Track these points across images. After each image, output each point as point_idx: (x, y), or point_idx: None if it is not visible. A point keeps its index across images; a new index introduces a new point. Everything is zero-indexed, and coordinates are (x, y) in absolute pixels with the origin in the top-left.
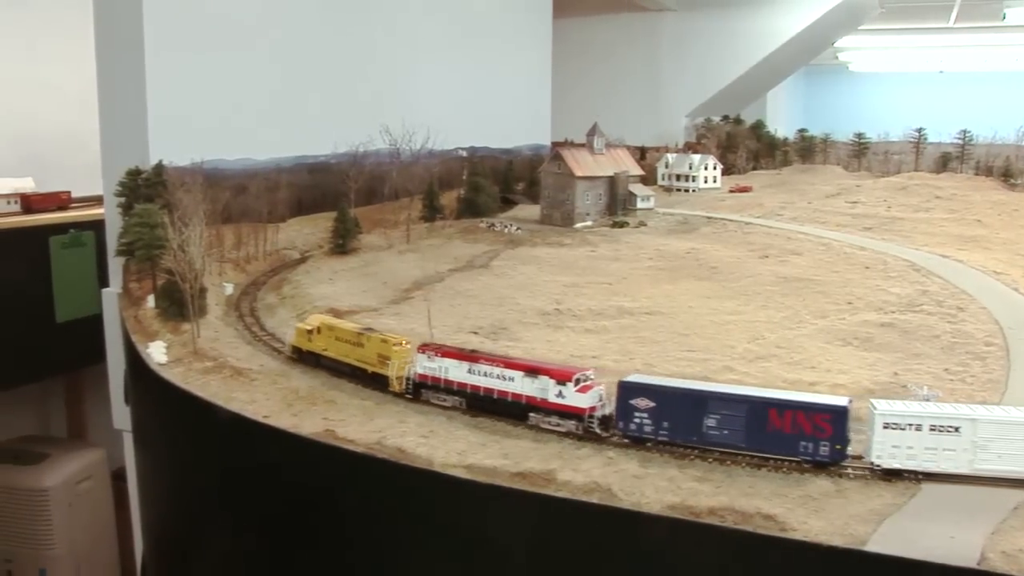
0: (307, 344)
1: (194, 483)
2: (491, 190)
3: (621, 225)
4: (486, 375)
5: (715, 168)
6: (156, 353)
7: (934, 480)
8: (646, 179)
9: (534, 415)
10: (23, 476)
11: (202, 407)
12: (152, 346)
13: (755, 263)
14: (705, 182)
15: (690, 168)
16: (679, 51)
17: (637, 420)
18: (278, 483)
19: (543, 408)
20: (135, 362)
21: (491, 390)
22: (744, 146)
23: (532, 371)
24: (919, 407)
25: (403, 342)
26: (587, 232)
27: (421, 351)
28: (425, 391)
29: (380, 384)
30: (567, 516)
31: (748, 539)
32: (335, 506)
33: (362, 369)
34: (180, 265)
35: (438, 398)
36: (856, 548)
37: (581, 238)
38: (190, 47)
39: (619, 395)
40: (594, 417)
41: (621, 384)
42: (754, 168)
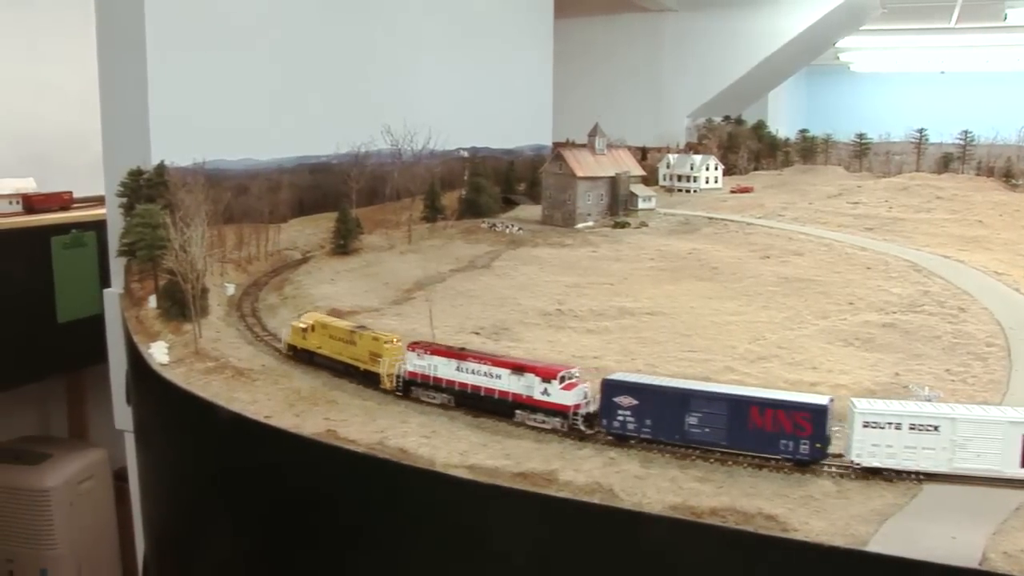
0: (301, 342)
1: (195, 483)
2: (492, 190)
3: (622, 225)
4: (474, 373)
5: (716, 168)
6: (158, 353)
7: (934, 481)
8: (647, 179)
9: (520, 412)
10: (25, 476)
11: (204, 407)
12: (154, 346)
13: (756, 264)
14: (706, 182)
15: (691, 168)
16: (680, 51)
17: (620, 418)
18: (279, 483)
19: (529, 405)
20: (137, 362)
21: (478, 387)
22: (745, 146)
23: (518, 369)
24: (899, 406)
25: (394, 340)
26: (588, 232)
27: (411, 349)
28: (415, 388)
29: (372, 381)
30: (568, 516)
31: (750, 539)
32: (336, 506)
33: (354, 366)
34: (182, 265)
35: (427, 395)
36: (857, 548)
37: (582, 238)
38: (192, 47)
39: (602, 393)
40: (578, 414)
41: (604, 382)
42: (755, 168)
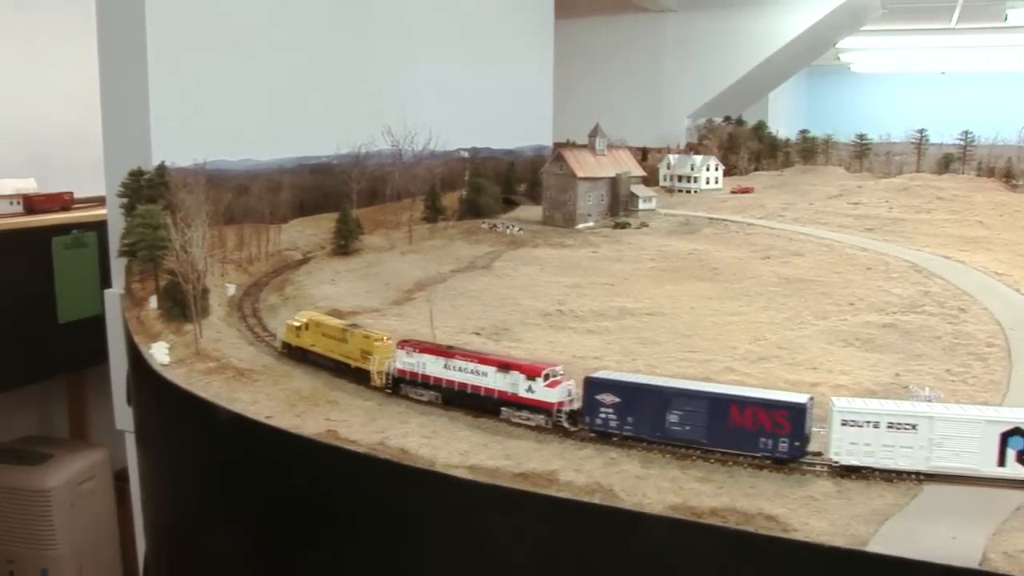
0: (296, 339)
1: (196, 484)
2: (493, 191)
3: (623, 226)
4: (461, 370)
5: (717, 169)
6: (158, 354)
7: (935, 481)
8: (648, 180)
9: (505, 409)
10: (25, 476)
11: (204, 408)
12: (154, 347)
13: (757, 264)
14: (707, 183)
15: (692, 169)
16: (681, 52)
17: (603, 415)
18: (280, 484)
19: (514, 403)
20: (137, 363)
21: (465, 385)
22: (746, 147)
23: (504, 366)
24: (877, 404)
25: (384, 338)
26: (589, 233)
27: (400, 347)
28: (404, 386)
29: (363, 379)
30: (569, 517)
31: (750, 540)
32: (337, 507)
33: (346, 364)
34: (182, 266)
35: (416, 393)
36: (858, 549)
37: (583, 239)
38: (192, 47)
39: (585, 391)
40: (562, 412)
41: (587, 380)
42: (756, 169)
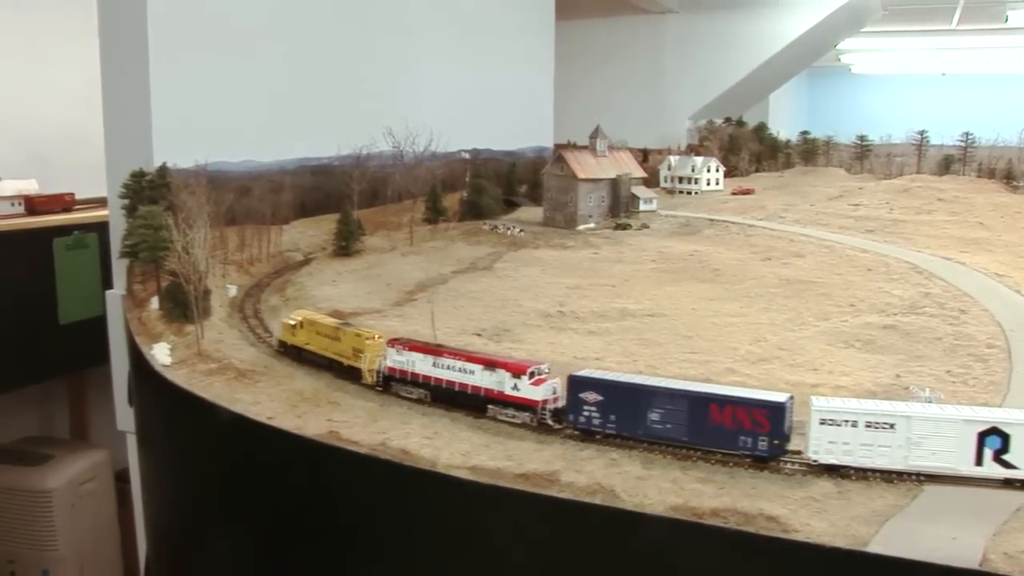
0: (291, 338)
1: (197, 484)
2: (494, 192)
3: (624, 227)
4: (449, 368)
5: (717, 170)
6: (160, 355)
7: (935, 481)
8: (648, 181)
9: (492, 407)
10: (27, 477)
11: (206, 408)
12: (156, 348)
13: (758, 265)
14: (707, 184)
15: (692, 170)
16: (682, 53)
17: (586, 413)
18: (281, 484)
19: (500, 400)
20: (139, 364)
21: (453, 383)
22: (747, 148)
23: (490, 365)
24: (856, 404)
25: (375, 336)
26: (590, 234)
27: (391, 345)
28: (394, 383)
29: (355, 376)
30: (570, 517)
31: (751, 540)
32: (338, 507)
33: (338, 362)
34: (184, 267)
35: (406, 390)
36: (858, 549)
37: (584, 240)
38: (194, 49)
39: (569, 389)
40: (547, 409)
41: (570, 378)
42: (756, 170)
